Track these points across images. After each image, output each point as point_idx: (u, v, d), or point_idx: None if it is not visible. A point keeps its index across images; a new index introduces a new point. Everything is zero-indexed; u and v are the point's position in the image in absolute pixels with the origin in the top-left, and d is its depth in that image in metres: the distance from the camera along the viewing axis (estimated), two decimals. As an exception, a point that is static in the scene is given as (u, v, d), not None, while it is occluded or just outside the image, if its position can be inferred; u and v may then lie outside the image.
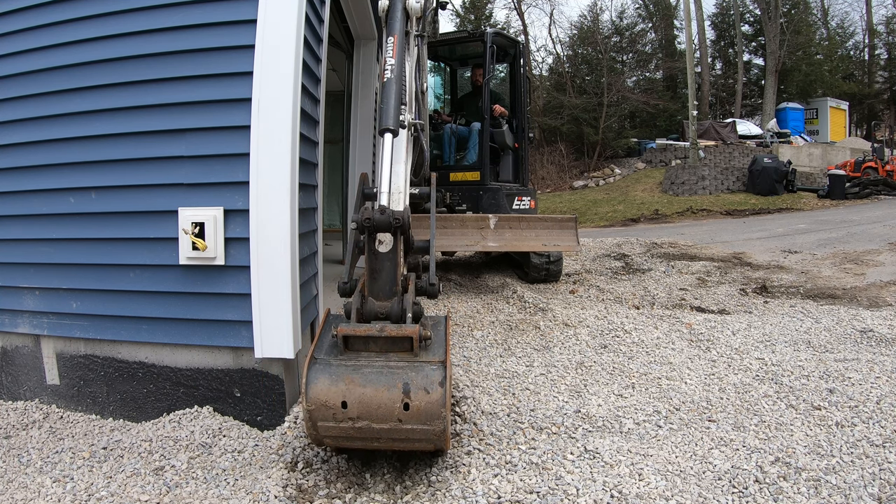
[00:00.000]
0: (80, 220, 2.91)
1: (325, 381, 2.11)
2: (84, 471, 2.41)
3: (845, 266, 7.09)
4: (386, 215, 2.26)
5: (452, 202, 6.54)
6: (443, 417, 2.12)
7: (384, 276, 2.36)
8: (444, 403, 2.10)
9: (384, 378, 2.12)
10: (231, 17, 2.70)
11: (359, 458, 2.54)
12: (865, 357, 3.52)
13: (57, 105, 2.90)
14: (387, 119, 2.47)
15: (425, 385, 2.11)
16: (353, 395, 2.09)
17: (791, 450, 2.42)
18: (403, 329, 2.16)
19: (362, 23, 6.70)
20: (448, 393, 2.13)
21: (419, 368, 2.15)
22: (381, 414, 2.10)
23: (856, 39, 31.63)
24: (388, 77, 2.56)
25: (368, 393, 2.09)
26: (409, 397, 2.10)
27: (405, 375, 2.13)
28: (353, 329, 2.16)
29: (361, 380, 2.11)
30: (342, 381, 2.10)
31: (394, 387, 2.11)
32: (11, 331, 3.08)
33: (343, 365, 2.15)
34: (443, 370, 2.15)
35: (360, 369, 2.14)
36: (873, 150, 18.85)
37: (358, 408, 2.09)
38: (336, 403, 2.09)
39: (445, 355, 2.21)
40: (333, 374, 2.12)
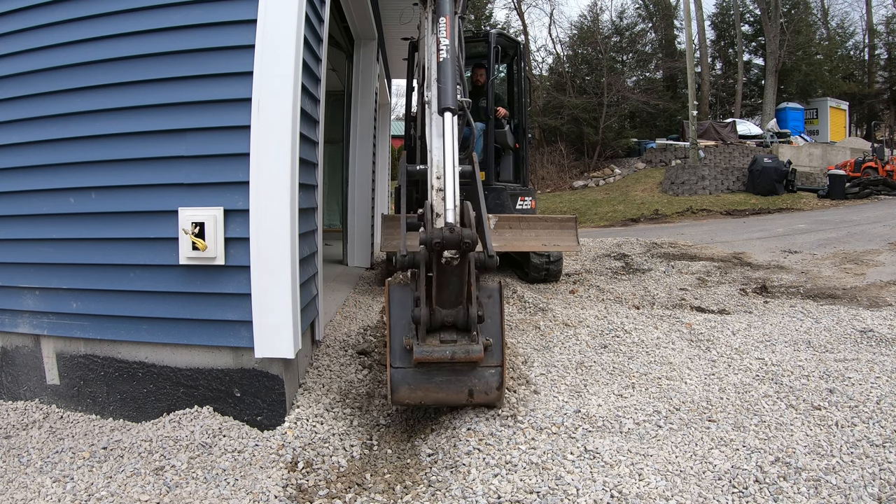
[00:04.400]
0: (80, 220, 2.91)
1: (406, 389, 2.52)
2: (84, 471, 2.41)
3: (845, 266, 7.09)
4: (455, 235, 2.33)
5: None
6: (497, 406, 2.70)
7: (451, 288, 2.49)
8: (499, 399, 2.64)
9: (453, 386, 2.53)
10: (231, 17, 2.70)
11: (359, 458, 2.55)
12: (865, 357, 3.52)
13: (57, 105, 2.90)
14: (446, 98, 2.50)
15: (485, 390, 2.56)
16: (429, 398, 2.56)
17: (791, 450, 2.42)
18: (470, 356, 2.42)
19: (362, 23, 6.70)
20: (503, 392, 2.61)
21: (481, 375, 2.54)
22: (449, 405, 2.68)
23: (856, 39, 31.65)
24: (444, 57, 2.59)
25: (442, 397, 2.56)
26: (472, 397, 2.56)
27: (469, 382, 2.53)
28: (427, 357, 2.42)
29: (435, 388, 2.53)
30: (420, 390, 2.52)
31: (461, 392, 2.54)
32: (11, 331, 3.08)
33: (420, 373, 2.51)
34: (500, 375, 2.55)
35: (433, 377, 2.52)
36: (873, 150, 18.84)
37: (432, 403, 2.62)
38: (415, 403, 2.60)
39: (503, 357, 2.55)
40: (412, 383, 2.52)
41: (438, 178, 2.58)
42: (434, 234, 2.31)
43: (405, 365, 2.50)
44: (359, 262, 7.47)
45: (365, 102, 7.31)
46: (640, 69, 27.90)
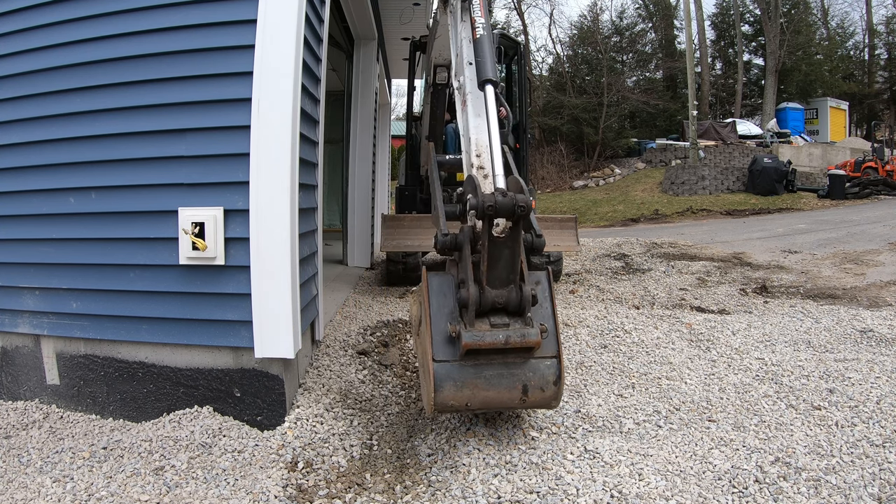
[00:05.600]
0: (80, 220, 2.91)
1: (451, 387, 2.20)
2: (84, 471, 2.41)
3: (845, 266, 7.09)
4: (509, 199, 2.12)
5: None
6: (552, 407, 2.37)
7: (502, 264, 2.23)
8: (556, 397, 2.30)
9: (506, 381, 2.23)
10: (231, 17, 2.70)
11: (359, 458, 2.55)
12: (865, 357, 3.52)
13: (57, 105, 2.90)
14: (486, 70, 2.47)
15: (541, 385, 2.27)
16: (477, 398, 2.23)
17: (791, 450, 2.42)
18: (527, 340, 2.19)
19: (362, 23, 6.70)
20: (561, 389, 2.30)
21: (535, 367, 2.26)
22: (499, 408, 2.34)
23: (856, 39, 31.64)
24: (481, 34, 2.58)
25: (491, 395, 2.23)
26: (526, 395, 2.25)
27: (524, 376, 2.24)
28: (478, 343, 2.16)
29: (484, 384, 2.21)
30: (467, 388, 2.20)
31: (514, 388, 2.24)
32: (11, 331, 3.08)
33: (467, 367, 2.21)
34: (557, 367, 2.27)
35: (482, 371, 2.22)
36: (873, 150, 18.84)
37: (479, 405, 2.27)
38: (460, 405, 2.24)
39: (558, 347, 2.28)
40: (458, 379, 2.20)
41: (478, 156, 2.50)
42: (486, 199, 2.11)
43: (449, 358, 2.20)
44: (359, 262, 7.47)
45: (365, 102, 7.31)
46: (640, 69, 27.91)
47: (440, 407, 2.24)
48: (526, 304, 2.23)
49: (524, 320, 2.24)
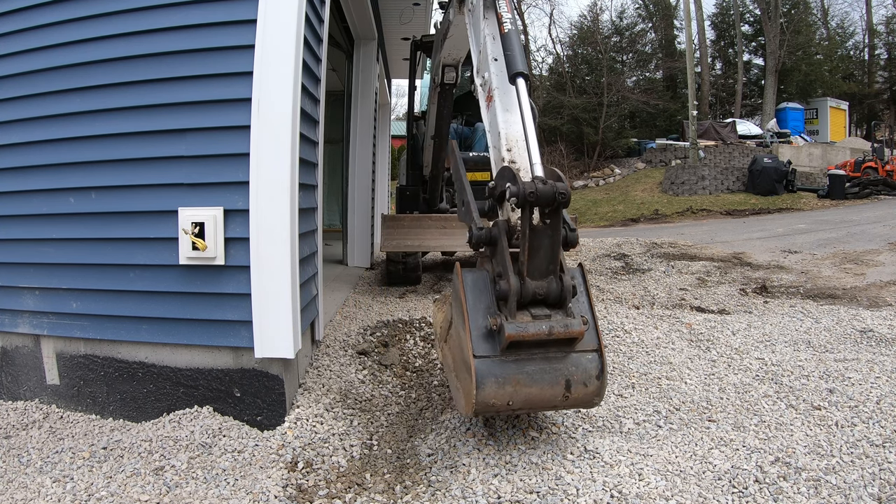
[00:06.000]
0: (80, 220, 2.91)
1: (493, 384, 2.11)
2: (84, 471, 2.41)
3: (845, 266, 7.09)
4: (549, 187, 2.12)
5: None
6: (595, 404, 2.29)
7: (542, 254, 2.20)
8: (599, 393, 2.24)
9: (548, 376, 2.17)
10: (231, 17, 2.70)
11: (359, 458, 2.55)
12: (865, 357, 3.52)
13: (57, 105, 2.90)
14: (516, 63, 2.48)
15: (584, 380, 2.21)
16: (519, 396, 2.15)
17: (791, 450, 2.42)
18: (570, 330, 2.15)
19: (362, 23, 6.71)
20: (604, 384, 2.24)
21: (578, 361, 2.21)
22: (540, 406, 2.24)
23: (856, 39, 31.66)
24: (509, 28, 2.60)
25: (533, 392, 2.16)
26: (569, 392, 2.19)
27: (566, 370, 2.19)
28: (522, 334, 2.10)
29: (527, 380, 2.14)
30: (509, 384, 2.13)
31: (557, 384, 2.18)
32: (11, 331, 3.08)
33: (507, 364, 2.14)
34: (599, 360, 2.23)
35: (524, 366, 2.15)
36: (873, 150, 18.84)
37: (521, 404, 2.18)
38: (502, 404, 2.15)
39: (599, 340, 2.25)
40: (500, 375, 2.13)
41: (509, 151, 2.48)
42: (526, 186, 2.09)
43: (489, 354, 2.14)
44: (359, 262, 7.47)
45: (365, 102, 7.31)
46: (640, 69, 27.93)
47: (481, 406, 2.14)
48: (567, 294, 2.19)
49: (565, 311, 2.20)
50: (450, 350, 2.44)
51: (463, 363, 2.23)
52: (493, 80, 2.66)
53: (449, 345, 2.46)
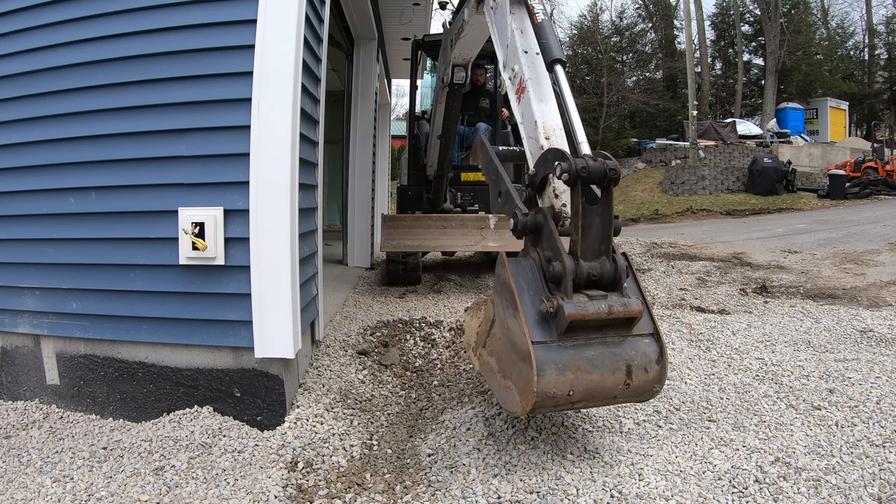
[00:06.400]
0: (80, 220, 2.91)
1: (553, 372, 1.99)
2: (84, 471, 2.41)
3: (845, 266, 7.09)
4: (600, 164, 2.08)
5: (464, 202, 6.55)
6: (655, 392, 2.19)
7: (594, 233, 2.14)
8: (659, 379, 2.15)
9: (608, 361, 2.07)
10: (231, 17, 2.70)
11: (359, 458, 2.55)
12: (865, 357, 3.52)
13: (57, 105, 2.90)
14: (553, 51, 2.52)
15: (645, 364, 2.12)
16: (580, 383, 2.03)
17: (791, 450, 2.42)
18: (630, 309, 2.09)
19: (362, 23, 6.71)
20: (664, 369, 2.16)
21: (636, 345, 2.13)
22: (601, 396, 2.11)
23: (856, 39, 31.68)
24: (542, 18, 2.64)
25: (595, 379, 2.05)
26: (630, 378, 2.09)
27: (626, 355, 2.10)
28: (582, 313, 2.02)
29: (588, 366, 2.04)
30: (570, 370, 2.01)
31: (618, 370, 2.08)
32: (11, 331, 3.08)
33: (566, 349, 2.04)
34: (657, 344, 2.16)
35: (584, 352, 2.05)
36: (873, 150, 18.86)
37: (582, 394, 2.06)
38: (563, 394, 2.02)
39: (654, 324, 2.18)
40: (560, 362, 2.01)
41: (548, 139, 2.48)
42: (578, 162, 2.05)
43: (546, 339, 2.04)
44: (359, 262, 7.47)
45: (365, 102, 7.31)
46: (640, 69, 27.96)
47: (541, 398, 1.99)
48: (622, 274, 2.13)
49: (620, 292, 2.14)
50: (492, 352, 2.33)
51: (516, 355, 2.12)
52: (524, 71, 2.67)
53: (490, 347, 2.35)
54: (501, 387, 2.25)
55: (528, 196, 2.45)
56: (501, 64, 2.89)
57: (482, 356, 2.46)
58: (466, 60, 4.44)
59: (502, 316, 2.23)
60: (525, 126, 2.65)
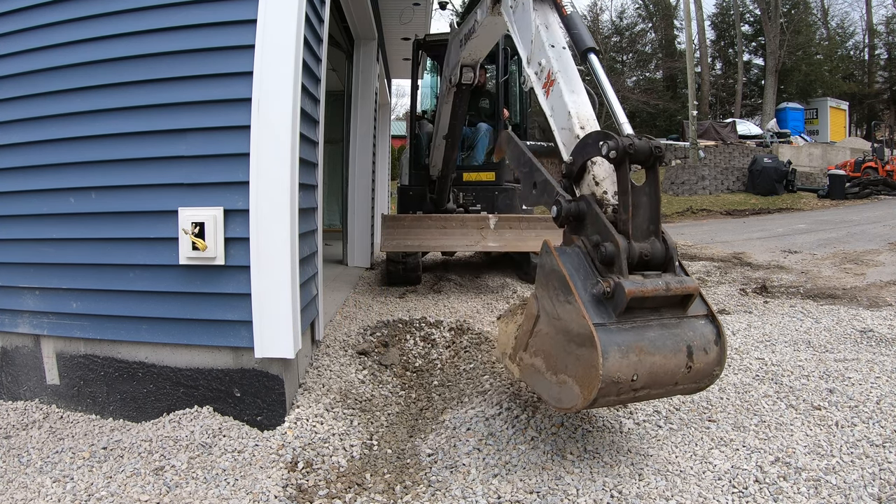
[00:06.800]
0: (80, 220, 2.91)
1: (617, 354, 1.90)
2: (84, 471, 2.41)
3: (845, 266, 7.09)
4: (645, 142, 2.08)
5: (466, 202, 6.55)
6: (714, 377, 2.11)
7: (642, 213, 2.12)
8: (720, 362, 2.08)
9: (669, 342, 2.01)
10: (231, 17, 2.70)
11: (359, 458, 2.55)
12: (865, 357, 3.52)
13: (57, 105, 2.90)
14: (586, 40, 2.59)
15: (704, 345, 2.06)
16: (644, 366, 1.95)
17: (791, 450, 2.42)
18: (687, 286, 2.05)
19: (362, 23, 6.71)
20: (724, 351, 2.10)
21: (693, 326, 2.08)
22: (663, 381, 2.02)
23: (856, 39, 31.70)
24: (571, 10, 2.70)
25: (658, 362, 1.98)
26: (692, 360, 2.03)
27: (685, 336, 2.04)
28: (641, 290, 1.96)
29: (650, 347, 1.97)
30: (633, 353, 1.93)
31: (679, 351, 2.02)
32: (11, 331, 3.08)
33: (626, 331, 1.97)
34: (713, 325, 2.11)
35: (644, 333, 1.99)
36: (873, 150, 18.86)
37: (646, 379, 1.97)
38: (627, 378, 1.93)
39: (708, 306, 2.13)
40: (622, 344, 1.93)
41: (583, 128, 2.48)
42: (624, 141, 2.04)
43: (605, 321, 1.97)
44: (359, 262, 7.47)
45: (365, 102, 7.31)
46: (640, 69, 27.98)
47: (606, 383, 1.88)
48: (673, 253, 2.09)
49: (673, 272, 2.11)
50: (537, 351, 2.24)
51: (572, 343, 2.02)
52: (552, 64, 2.67)
53: (534, 347, 2.26)
54: (553, 384, 2.13)
55: (565, 187, 2.43)
56: (525, 60, 2.90)
57: (523, 360, 2.35)
58: (476, 61, 4.46)
59: (549, 308, 2.15)
60: (556, 118, 2.64)
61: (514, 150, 2.81)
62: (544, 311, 2.19)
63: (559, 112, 2.62)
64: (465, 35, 4.20)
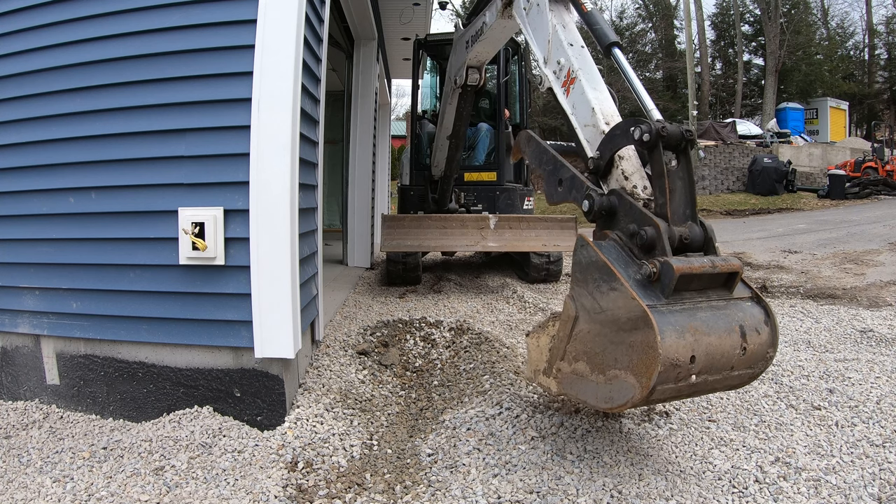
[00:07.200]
0: (80, 220, 2.91)
1: (673, 333, 1.82)
2: (84, 471, 2.41)
3: (845, 266, 7.09)
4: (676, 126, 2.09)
5: (468, 202, 6.56)
6: (769, 360, 2.05)
7: (678, 197, 2.10)
8: (773, 343, 2.04)
9: (721, 321, 1.95)
10: (231, 17, 2.70)
11: (359, 458, 2.55)
12: (865, 357, 3.52)
13: (57, 105, 2.90)
14: (609, 35, 2.60)
15: (756, 325, 2.01)
16: (701, 346, 1.88)
17: (791, 450, 2.42)
18: (732, 264, 2.03)
19: (362, 23, 6.71)
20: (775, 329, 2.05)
21: (741, 307, 2.04)
22: (720, 365, 1.94)
23: (856, 39, 31.71)
24: (591, 7, 2.73)
25: (713, 342, 1.91)
26: (745, 341, 1.97)
27: (735, 316, 2.00)
28: (690, 267, 1.92)
29: (704, 327, 1.90)
30: (688, 332, 1.86)
31: (732, 331, 1.96)
32: (11, 331, 3.08)
33: (678, 312, 1.91)
34: (759, 306, 2.07)
35: (695, 314, 1.93)
36: (873, 150, 18.86)
37: (703, 362, 1.89)
38: (685, 359, 1.84)
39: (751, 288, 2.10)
40: (677, 323, 1.86)
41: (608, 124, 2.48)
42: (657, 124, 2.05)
43: (655, 303, 1.91)
44: (359, 263, 7.47)
45: (365, 102, 7.31)
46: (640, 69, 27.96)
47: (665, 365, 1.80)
48: (712, 235, 2.07)
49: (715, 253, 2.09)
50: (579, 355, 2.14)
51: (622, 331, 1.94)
52: (573, 62, 2.67)
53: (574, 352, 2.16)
54: (601, 384, 2.03)
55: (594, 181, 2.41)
56: (542, 60, 2.90)
57: (561, 371, 2.24)
58: (482, 62, 4.47)
59: (590, 303, 2.08)
60: (579, 115, 2.63)
61: (535, 149, 2.80)
62: (583, 310, 2.12)
63: (582, 109, 2.61)
64: (471, 37, 4.20)
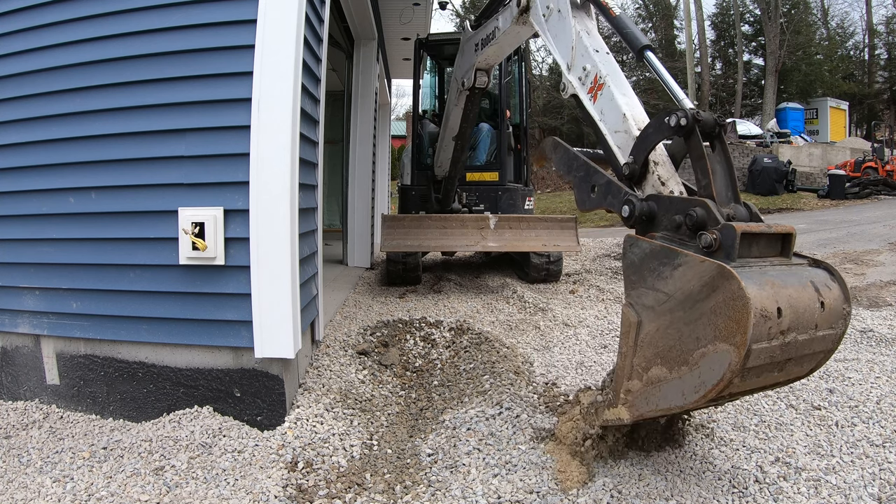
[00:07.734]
0: (80, 220, 2.91)
1: (755, 286, 1.77)
2: (84, 471, 2.41)
3: (845, 266, 7.09)
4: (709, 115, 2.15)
5: (470, 202, 6.57)
6: (847, 315, 2.02)
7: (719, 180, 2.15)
8: (846, 298, 2.00)
9: (792, 278, 1.91)
10: (231, 17, 2.70)
11: (359, 458, 2.55)
12: (865, 357, 3.52)
13: (57, 105, 2.90)
14: (640, 38, 2.64)
15: (825, 281, 1.98)
16: (783, 297, 1.83)
17: (791, 450, 2.42)
18: (786, 225, 2.04)
19: (362, 23, 6.71)
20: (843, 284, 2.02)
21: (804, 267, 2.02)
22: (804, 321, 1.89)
23: (856, 39, 31.67)
24: (619, 12, 2.75)
25: (792, 294, 1.86)
26: (821, 295, 1.92)
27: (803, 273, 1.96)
28: (749, 226, 1.91)
29: (780, 281, 1.86)
30: (767, 285, 1.82)
31: (806, 286, 1.92)
32: (11, 331, 3.08)
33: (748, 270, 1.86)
34: (821, 267, 2.04)
35: (766, 271, 1.90)
36: (873, 150, 18.84)
37: (789, 314, 1.83)
38: (773, 310, 1.79)
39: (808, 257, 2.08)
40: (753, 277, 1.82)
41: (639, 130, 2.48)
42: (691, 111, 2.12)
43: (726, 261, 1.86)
44: (359, 263, 7.47)
45: (365, 102, 7.31)
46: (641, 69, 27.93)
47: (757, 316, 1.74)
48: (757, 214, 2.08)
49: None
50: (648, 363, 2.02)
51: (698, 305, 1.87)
52: (600, 68, 2.67)
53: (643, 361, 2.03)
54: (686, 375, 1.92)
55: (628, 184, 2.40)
56: (566, 67, 2.90)
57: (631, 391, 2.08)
58: (491, 65, 4.48)
59: (652, 297, 2.01)
60: (608, 121, 2.63)
61: (562, 155, 2.79)
62: (646, 309, 2.03)
63: (611, 115, 2.61)
64: (482, 39, 4.20)
